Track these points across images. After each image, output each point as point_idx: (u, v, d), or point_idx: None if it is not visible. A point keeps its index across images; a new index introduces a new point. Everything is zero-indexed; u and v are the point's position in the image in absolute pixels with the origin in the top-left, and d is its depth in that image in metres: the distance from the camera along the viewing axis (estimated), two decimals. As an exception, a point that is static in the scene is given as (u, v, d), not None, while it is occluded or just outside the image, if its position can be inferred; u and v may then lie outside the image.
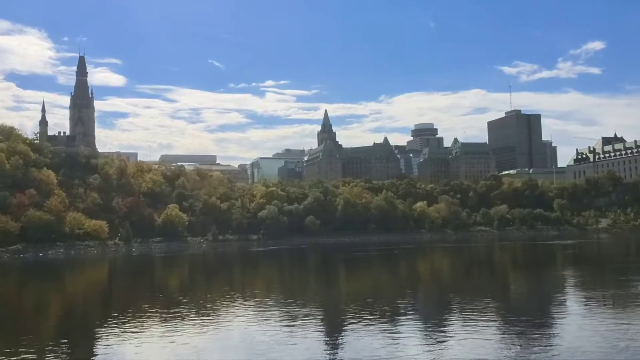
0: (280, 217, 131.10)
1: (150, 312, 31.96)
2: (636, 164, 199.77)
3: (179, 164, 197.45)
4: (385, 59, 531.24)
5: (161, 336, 24.30)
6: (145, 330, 26.09)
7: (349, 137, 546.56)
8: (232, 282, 51.16)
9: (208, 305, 33.69)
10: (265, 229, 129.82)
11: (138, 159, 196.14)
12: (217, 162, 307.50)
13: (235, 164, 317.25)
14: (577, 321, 25.16)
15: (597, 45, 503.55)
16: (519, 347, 20.23)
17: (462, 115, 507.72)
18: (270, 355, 20.07)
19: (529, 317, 26.62)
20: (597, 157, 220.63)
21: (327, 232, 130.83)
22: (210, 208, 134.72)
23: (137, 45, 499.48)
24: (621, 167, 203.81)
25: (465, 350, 19.76)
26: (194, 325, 26.50)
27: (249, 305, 33.78)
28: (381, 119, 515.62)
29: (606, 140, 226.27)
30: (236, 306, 33.22)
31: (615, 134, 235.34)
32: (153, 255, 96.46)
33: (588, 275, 47.25)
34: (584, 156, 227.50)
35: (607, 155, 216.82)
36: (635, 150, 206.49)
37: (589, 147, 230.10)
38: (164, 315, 29.80)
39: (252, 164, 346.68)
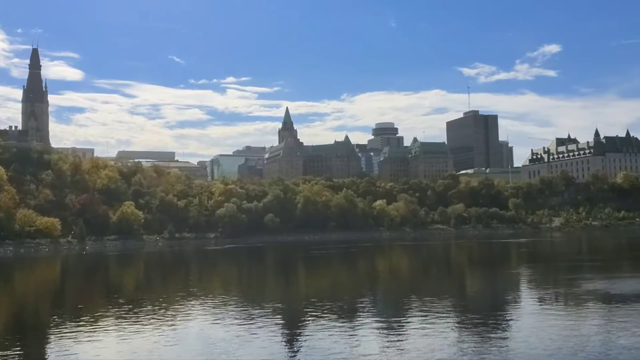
0: (238, 215, 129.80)
1: (105, 312, 31.18)
2: (588, 165, 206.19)
3: (136, 160, 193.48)
4: (348, 57, 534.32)
5: (117, 336, 23.73)
6: (100, 330, 25.37)
7: (311, 135, 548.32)
8: (189, 281, 50.33)
9: (165, 305, 32.98)
10: (223, 227, 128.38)
11: (95, 155, 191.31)
12: (176, 159, 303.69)
13: (194, 161, 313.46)
14: (530, 319, 25.45)
15: (553, 48, 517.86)
16: (475, 345, 20.46)
17: (422, 115, 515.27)
18: (229, 355, 19.81)
19: (485, 315, 26.98)
20: (551, 157, 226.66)
21: (287, 230, 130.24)
22: (167, 205, 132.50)
23: (95, 39, 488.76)
24: (574, 167, 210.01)
25: (423, 349, 19.87)
26: (151, 325, 25.92)
27: (207, 304, 33.27)
28: (343, 118, 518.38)
29: (560, 141, 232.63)
30: (194, 305, 32.65)
31: (569, 135, 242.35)
32: (107, 253, 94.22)
33: (541, 274, 48.11)
34: (539, 156, 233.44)
35: (560, 155, 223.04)
36: (587, 151, 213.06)
37: (544, 147, 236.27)
38: (120, 315, 29.07)
39: (212, 161, 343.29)
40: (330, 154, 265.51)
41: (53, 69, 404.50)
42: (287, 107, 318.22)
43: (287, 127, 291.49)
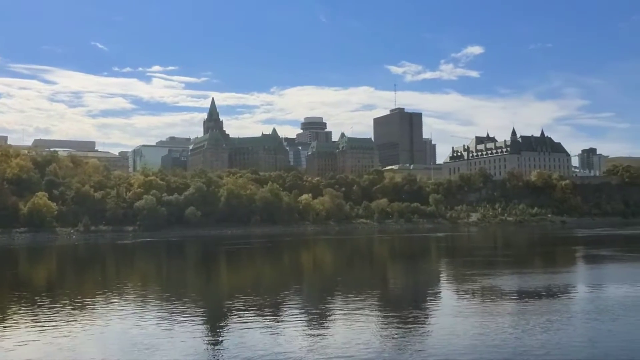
0: (158, 207, 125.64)
1: (16, 309, 29.23)
2: (505, 163, 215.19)
3: (52, 149, 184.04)
4: (277, 50, 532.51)
5: (30, 335, 22.17)
6: (10, 329, 23.70)
7: (240, 128, 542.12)
8: (105, 276, 48.24)
9: (80, 301, 31.31)
10: (142, 221, 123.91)
11: (8, 143, 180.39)
12: (97, 148, 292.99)
13: (116, 152, 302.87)
14: (449, 313, 25.74)
15: (476, 49, 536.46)
16: (397, 338, 20.75)
17: (351, 111, 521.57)
18: (150, 353, 19.19)
19: (407, 310, 27.33)
20: (470, 155, 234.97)
21: (209, 224, 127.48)
22: (83, 197, 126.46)
23: (12, 22, 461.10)
24: (492, 165, 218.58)
25: (346, 343, 19.92)
26: (66, 323, 24.45)
27: (126, 301, 31.91)
28: (272, 111, 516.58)
29: (479, 140, 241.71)
30: (111, 302, 31.15)
31: (488, 134, 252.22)
32: (14, 247, 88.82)
33: (459, 268, 49.10)
34: (459, 154, 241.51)
35: (479, 153, 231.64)
36: (504, 150, 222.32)
37: (464, 145, 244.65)
38: (32, 313, 27.24)
39: (134, 152, 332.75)
40: (257, 146, 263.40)
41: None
42: (212, 98, 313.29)
43: (213, 119, 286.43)
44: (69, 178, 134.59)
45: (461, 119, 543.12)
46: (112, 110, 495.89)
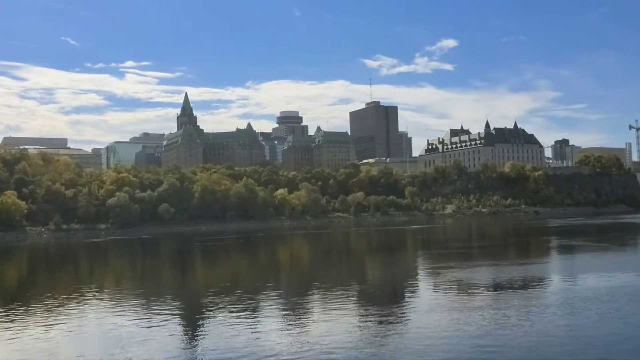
0: (131, 205, 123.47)
1: None
2: (479, 154, 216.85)
3: (22, 147, 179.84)
4: (252, 44, 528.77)
5: (5, 336, 21.69)
6: None
7: (216, 123, 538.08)
8: (79, 275, 47.41)
9: (54, 301, 30.68)
10: (114, 218, 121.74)
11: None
12: (69, 145, 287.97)
13: (89, 148, 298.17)
14: (426, 306, 25.74)
15: (450, 43, 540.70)
16: (375, 333, 20.70)
17: (327, 105, 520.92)
18: (128, 352, 18.93)
19: (385, 303, 27.35)
20: (445, 147, 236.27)
21: (183, 220, 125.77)
22: (53, 195, 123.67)
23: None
24: (466, 157, 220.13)
25: (325, 338, 19.86)
26: (41, 323, 24.06)
27: (101, 299, 31.54)
28: (248, 106, 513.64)
29: (454, 132, 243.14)
30: (86, 301, 30.67)
31: (462, 127, 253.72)
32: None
33: (435, 260, 49.28)
34: (434, 147, 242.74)
35: (454, 146, 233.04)
36: (478, 142, 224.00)
37: (439, 138, 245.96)
38: (4, 315, 26.42)
39: (107, 149, 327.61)
40: (232, 142, 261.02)
41: None
42: (186, 93, 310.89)
43: (187, 114, 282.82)
44: (40, 176, 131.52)
45: (436, 112, 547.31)
46: (85, 107, 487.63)
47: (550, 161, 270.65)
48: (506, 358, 17.12)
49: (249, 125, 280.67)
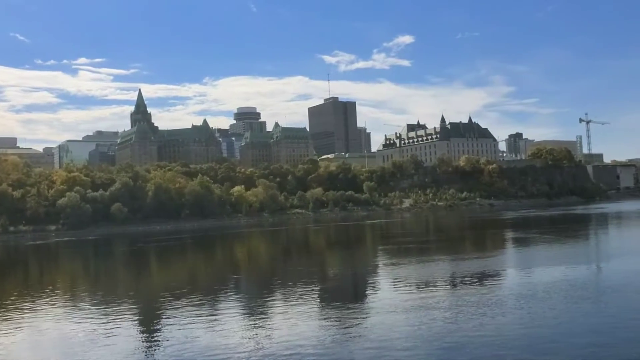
0: (82, 205, 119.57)
1: None
2: (435, 149, 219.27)
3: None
4: (208, 40, 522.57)
5: None
6: None
7: (173, 120, 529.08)
8: (28, 278, 45.94)
9: (5, 306, 29.62)
10: (65, 219, 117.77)
11: None
12: (18, 145, 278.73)
13: (40, 148, 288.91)
14: (386, 303, 25.53)
15: (407, 39, 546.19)
16: (336, 330, 20.67)
17: (286, 101, 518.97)
18: (89, 354, 18.79)
19: (345, 301, 27.23)
20: (402, 142, 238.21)
21: (136, 220, 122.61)
22: (0, 196, 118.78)
23: None
24: (423, 151, 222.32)
25: (285, 337, 19.82)
26: None
27: (54, 303, 30.60)
28: (206, 102, 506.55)
29: (410, 127, 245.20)
30: (39, 305, 29.83)
31: (418, 122, 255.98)
32: None
33: (394, 255, 49.30)
34: (392, 142, 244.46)
35: (411, 140, 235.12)
36: (434, 136, 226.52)
37: (396, 133, 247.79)
38: None
39: (60, 148, 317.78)
40: (187, 138, 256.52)
41: None
42: (139, 89, 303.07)
43: (140, 111, 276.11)
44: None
45: (395, 108, 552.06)
46: (37, 105, 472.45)
47: (505, 154, 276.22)
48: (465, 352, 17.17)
49: (204, 121, 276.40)
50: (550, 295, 24.94)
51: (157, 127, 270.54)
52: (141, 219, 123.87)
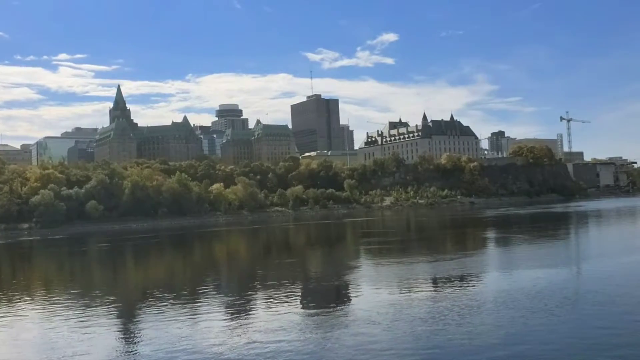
0: (56, 202, 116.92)
1: None
2: (417, 147, 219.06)
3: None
4: (191, 36, 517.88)
5: None
6: None
7: (156, 117, 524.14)
8: (1, 278, 44.61)
9: None
10: (38, 217, 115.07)
11: None
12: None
13: (18, 144, 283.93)
14: (367, 303, 25.06)
15: (391, 37, 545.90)
16: (316, 331, 20.37)
17: (270, 99, 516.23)
18: (70, 354, 18.52)
19: (325, 300, 27.29)
20: (384, 140, 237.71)
21: (113, 218, 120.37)
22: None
23: None
24: (404, 149, 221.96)
25: (267, 337, 19.59)
26: None
27: (31, 303, 29.96)
28: (189, 99, 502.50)
29: (392, 125, 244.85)
30: (17, 304, 29.38)
31: (400, 119, 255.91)
32: None
33: (374, 254, 48.57)
34: (374, 139, 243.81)
35: (393, 138, 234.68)
36: (416, 134, 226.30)
37: (378, 130, 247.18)
38: None
39: (38, 144, 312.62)
40: (167, 135, 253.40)
41: None
42: (119, 86, 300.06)
43: (120, 107, 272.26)
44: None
45: (378, 106, 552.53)
46: (16, 102, 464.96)
47: (487, 152, 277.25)
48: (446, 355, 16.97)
49: (185, 118, 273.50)
50: (528, 297, 24.34)
51: (136, 124, 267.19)
52: (117, 217, 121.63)
